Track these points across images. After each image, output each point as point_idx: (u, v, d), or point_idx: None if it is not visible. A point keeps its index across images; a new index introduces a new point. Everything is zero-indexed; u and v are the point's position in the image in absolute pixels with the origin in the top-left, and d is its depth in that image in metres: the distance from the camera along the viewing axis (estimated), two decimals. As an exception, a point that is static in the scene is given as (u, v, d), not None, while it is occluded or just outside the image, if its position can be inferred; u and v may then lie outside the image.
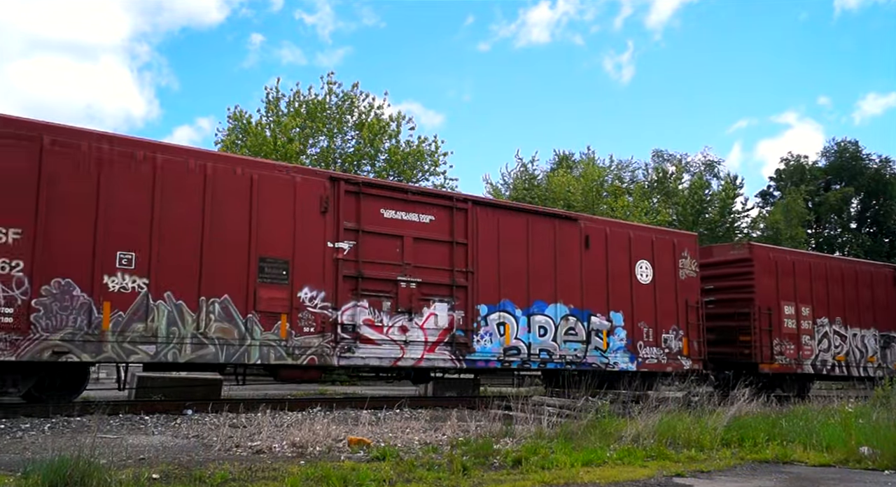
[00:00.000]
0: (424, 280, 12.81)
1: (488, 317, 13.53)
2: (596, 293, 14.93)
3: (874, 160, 47.21)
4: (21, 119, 9.96)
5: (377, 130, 26.18)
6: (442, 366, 13.32)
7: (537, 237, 14.30)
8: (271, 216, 11.39)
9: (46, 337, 9.49)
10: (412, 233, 12.81)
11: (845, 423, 8.93)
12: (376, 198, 12.57)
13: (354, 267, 12.11)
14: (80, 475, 4.98)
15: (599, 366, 14.74)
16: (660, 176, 38.90)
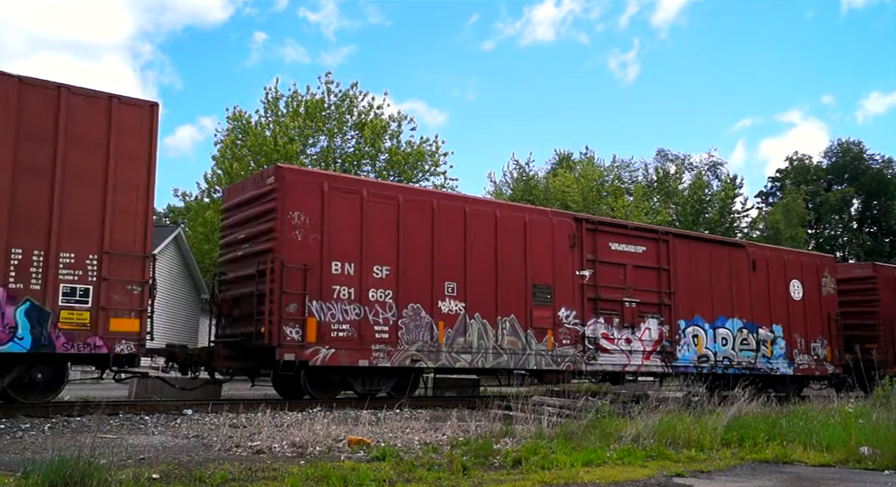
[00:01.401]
0: (641, 300, 15.64)
1: (685, 330, 16.35)
2: (761, 308, 17.86)
3: (877, 161, 47.75)
4: (387, 184, 14.90)
5: (378, 130, 26.20)
6: (654, 372, 15.98)
7: (717, 262, 17.17)
8: (538, 251, 14.26)
9: (407, 349, 12.40)
10: (631, 261, 15.65)
11: (845, 423, 8.92)
12: (606, 234, 15.40)
13: (593, 291, 14.95)
14: (80, 475, 4.97)
15: (766, 371, 17.52)
16: (660, 176, 38.91)
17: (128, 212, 10.05)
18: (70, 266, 9.53)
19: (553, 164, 40.35)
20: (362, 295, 12.07)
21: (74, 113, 9.79)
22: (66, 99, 9.79)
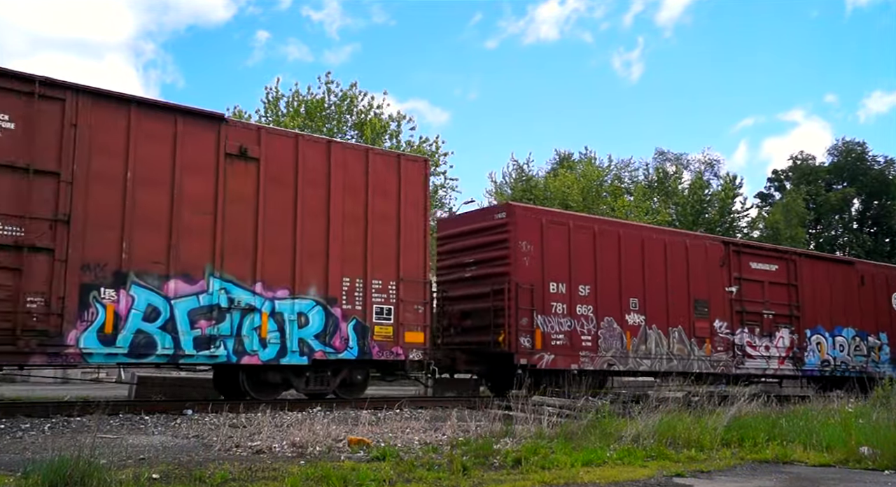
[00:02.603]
0: (776, 312, 17.95)
1: (811, 338, 18.64)
2: (869, 318, 20.07)
3: (879, 162, 47.02)
4: (586, 216, 17.18)
5: (378, 129, 26.06)
6: (787, 375, 18.35)
7: (833, 278, 19.45)
8: (697, 271, 16.48)
9: (604, 355, 14.69)
10: (767, 278, 17.94)
11: (845, 423, 8.90)
12: (748, 255, 17.82)
13: (739, 304, 17.19)
14: (80, 475, 4.95)
15: (874, 374, 18.80)
16: (660, 176, 38.71)
17: (413, 246, 12.54)
18: (379, 290, 12.02)
19: (553, 164, 39.86)
20: (571, 309, 14.46)
21: (376, 169, 12.28)
22: (371, 158, 12.31)
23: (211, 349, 10.29)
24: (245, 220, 10.81)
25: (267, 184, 11.04)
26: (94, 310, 9.47)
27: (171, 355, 10.03)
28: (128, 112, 10.06)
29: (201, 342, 10.22)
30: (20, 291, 8.97)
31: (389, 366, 12.41)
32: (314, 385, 11.57)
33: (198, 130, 10.59)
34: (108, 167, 9.80)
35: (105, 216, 9.69)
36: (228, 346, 10.43)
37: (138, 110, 10.17)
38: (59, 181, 9.41)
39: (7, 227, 9.01)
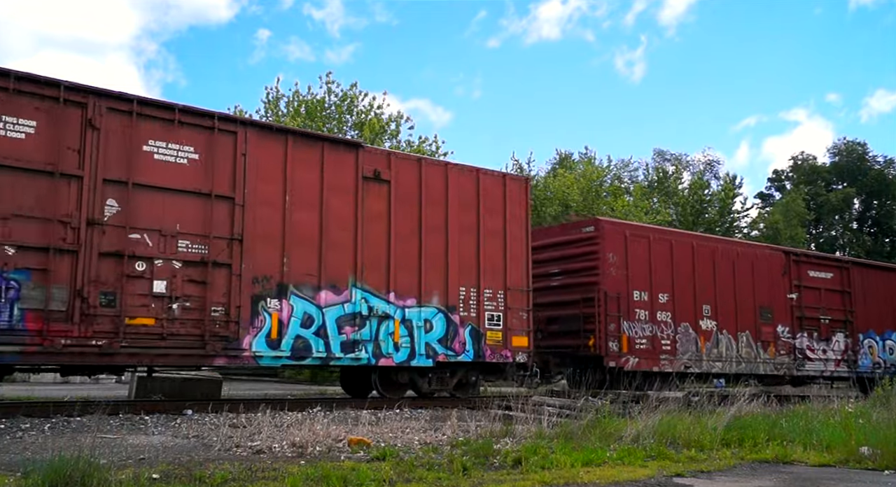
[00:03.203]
0: (832, 317, 19.28)
1: (863, 342, 19.97)
2: None
3: (879, 162, 47.14)
4: (665, 229, 18.29)
5: (378, 129, 26.11)
6: (843, 376, 19.59)
7: (882, 284, 20.92)
8: (761, 279, 17.87)
9: (681, 358, 16.00)
10: (823, 286, 19.31)
11: (845, 423, 8.87)
12: (806, 264, 19.21)
13: (799, 310, 18.54)
14: (81, 475, 4.96)
15: None
16: (660, 176, 38.84)
17: (517, 258, 13.75)
18: (489, 299, 13.25)
19: (554, 164, 39.96)
20: (653, 316, 15.69)
21: (485, 188, 13.50)
22: (481, 178, 13.54)
23: (355, 352, 11.56)
24: (379, 236, 12.07)
25: (396, 204, 12.29)
26: (262, 318, 10.76)
27: (323, 358, 11.32)
28: (285, 142, 11.33)
29: (347, 346, 11.50)
30: (206, 302, 10.27)
31: (499, 368, 13.63)
32: (435, 384, 12.84)
33: (340, 156, 11.85)
34: (270, 191, 11.07)
35: (269, 235, 10.96)
36: (368, 350, 11.70)
37: (293, 140, 11.44)
38: (234, 205, 10.68)
39: (195, 246, 10.30)
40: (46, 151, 9.35)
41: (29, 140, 9.26)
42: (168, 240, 10.09)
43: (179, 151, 10.36)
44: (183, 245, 10.20)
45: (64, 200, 9.39)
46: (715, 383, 17.20)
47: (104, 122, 9.77)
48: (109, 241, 9.63)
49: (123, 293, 9.62)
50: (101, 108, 9.79)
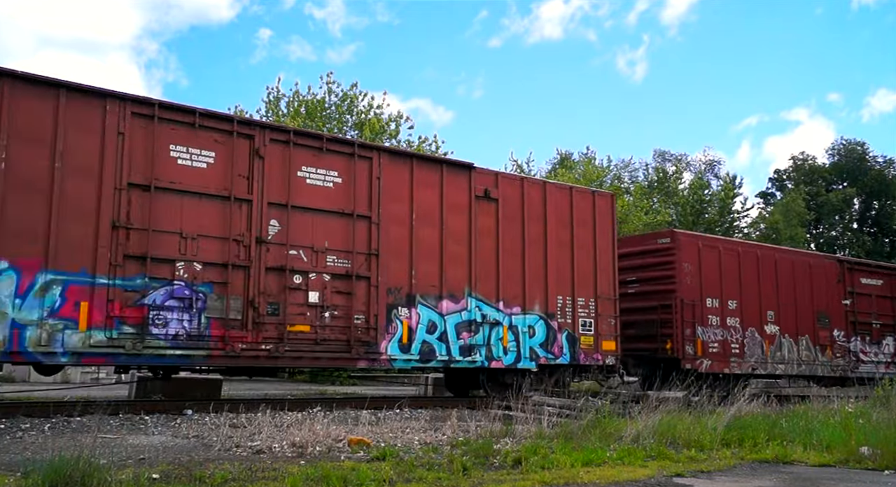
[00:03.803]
0: (882, 322, 20.45)
1: None
2: None
3: (879, 162, 47.19)
4: (732, 240, 20.12)
5: (378, 129, 26.25)
6: (893, 377, 21.36)
7: None
8: (819, 286, 19.07)
9: (749, 360, 17.21)
10: (874, 292, 20.42)
11: (845, 423, 8.89)
12: (858, 271, 20.29)
13: (853, 315, 19.63)
14: (81, 475, 4.97)
15: None
16: (660, 176, 39.00)
17: (605, 268, 14.92)
18: (582, 306, 14.44)
19: (554, 164, 39.89)
20: (723, 321, 16.84)
21: (577, 204, 14.67)
22: (573, 194, 14.70)
23: (471, 355, 12.77)
24: (489, 250, 13.26)
25: (503, 220, 13.49)
26: (395, 325, 11.98)
27: (446, 360, 12.53)
28: (410, 165, 12.54)
29: (464, 349, 12.72)
30: (351, 310, 11.51)
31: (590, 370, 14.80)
32: (535, 385, 14.03)
33: (456, 177, 13.06)
34: (399, 210, 12.29)
35: (399, 250, 12.18)
36: (482, 353, 12.91)
37: (417, 163, 12.66)
38: (371, 223, 11.91)
39: (340, 260, 11.54)
40: (223, 179, 10.61)
41: (209, 169, 10.51)
42: (319, 256, 11.33)
43: (326, 176, 11.60)
44: (331, 259, 11.44)
45: (237, 221, 10.64)
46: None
47: (267, 152, 11.01)
48: (273, 257, 10.88)
49: (286, 303, 10.87)
50: (266, 139, 11.04)
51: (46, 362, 9.23)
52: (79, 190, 9.44)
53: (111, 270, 9.53)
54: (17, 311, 8.88)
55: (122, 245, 9.65)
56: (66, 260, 9.24)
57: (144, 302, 9.74)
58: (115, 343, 9.48)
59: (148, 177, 9.95)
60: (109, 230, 9.58)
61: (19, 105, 9.17)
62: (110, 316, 9.46)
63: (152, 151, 10.04)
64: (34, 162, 9.18)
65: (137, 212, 9.84)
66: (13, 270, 8.90)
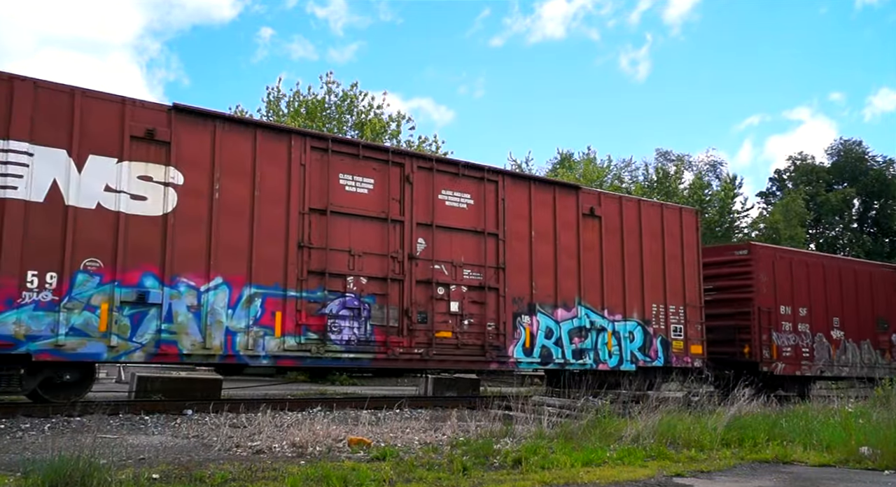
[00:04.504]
0: None
1: None
2: None
3: (878, 162, 47.33)
4: (803, 252, 22.32)
5: (378, 129, 26.40)
6: None
7: None
8: (878, 294, 20.48)
9: (817, 363, 18.68)
10: None
11: (845, 423, 8.89)
12: None
13: None
14: (81, 475, 4.98)
15: None
16: (660, 176, 39.05)
17: (692, 278, 16.25)
18: (673, 313, 15.78)
19: (554, 164, 40.03)
20: (795, 327, 18.16)
21: (666, 219, 16.01)
22: (664, 211, 16.05)
23: (582, 359, 14.15)
24: (594, 263, 14.63)
25: (605, 235, 14.86)
26: (519, 331, 13.38)
27: (561, 363, 13.92)
28: (528, 187, 13.94)
29: (576, 353, 14.09)
30: (484, 318, 12.92)
31: (680, 371, 16.15)
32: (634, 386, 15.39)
33: (565, 197, 14.44)
34: (520, 228, 13.69)
35: (521, 264, 13.57)
36: (591, 357, 14.28)
37: (535, 185, 14.06)
38: (498, 240, 13.33)
39: (474, 274, 12.95)
40: (380, 202, 12.05)
41: (370, 194, 11.96)
42: (457, 270, 12.75)
43: (461, 198, 13.02)
44: (467, 273, 12.85)
45: (392, 240, 12.07)
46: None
47: (415, 178, 12.45)
48: (421, 271, 12.31)
49: (432, 312, 12.29)
50: (414, 166, 12.47)
51: (252, 364, 10.70)
52: (272, 215, 10.91)
53: (298, 284, 10.99)
54: (230, 320, 10.36)
55: (306, 262, 11.11)
56: (264, 276, 10.71)
57: (324, 312, 11.20)
58: (303, 347, 10.94)
59: (324, 202, 11.41)
60: (296, 249, 11.04)
61: (227, 143, 10.65)
62: (298, 324, 10.92)
63: (327, 180, 11.49)
64: (239, 191, 10.65)
65: (317, 234, 11.29)
66: (226, 285, 10.38)
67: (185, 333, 9.97)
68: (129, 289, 9.58)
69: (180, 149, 10.22)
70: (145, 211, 9.86)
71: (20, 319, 8.79)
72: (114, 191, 9.64)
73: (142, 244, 9.75)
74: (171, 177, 10.10)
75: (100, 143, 9.60)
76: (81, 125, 9.47)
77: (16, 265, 8.81)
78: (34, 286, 8.92)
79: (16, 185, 8.95)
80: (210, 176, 10.42)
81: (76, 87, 9.56)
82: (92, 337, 9.28)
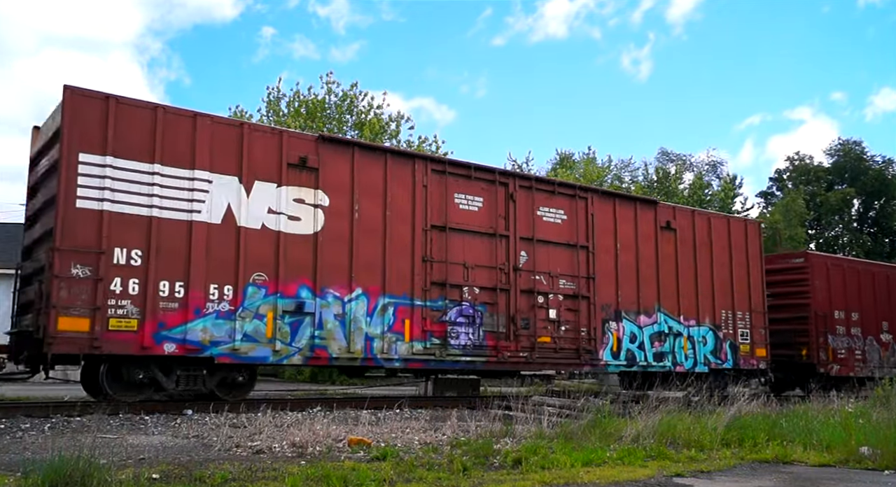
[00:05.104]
0: None
1: None
2: None
3: (877, 161, 47.27)
4: (851, 260, 22.82)
5: (378, 129, 26.48)
6: None
7: None
8: None
9: (869, 365, 19.74)
10: None
11: (845, 423, 8.89)
12: None
13: None
14: (81, 475, 4.98)
15: None
16: (660, 176, 39.30)
17: (756, 286, 17.38)
18: (740, 319, 16.90)
19: (554, 164, 40.10)
20: (848, 331, 19.30)
21: (733, 231, 17.13)
22: (731, 223, 17.18)
23: (662, 362, 15.29)
24: (670, 272, 15.77)
25: (680, 247, 15.99)
26: (607, 336, 14.53)
27: (644, 365, 15.06)
28: (613, 203, 15.09)
29: (657, 356, 15.23)
30: (577, 324, 14.09)
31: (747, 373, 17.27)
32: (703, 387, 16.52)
33: (645, 212, 15.58)
34: (607, 241, 14.84)
35: (607, 273, 14.71)
36: (669, 360, 15.42)
37: (619, 201, 15.22)
38: (588, 252, 14.49)
39: (568, 283, 14.12)
40: (488, 219, 13.23)
41: (479, 211, 13.15)
42: (554, 280, 13.92)
43: (556, 214, 14.19)
44: (562, 283, 14.02)
45: (499, 253, 13.25)
46: None
47: (518, 196, 13.63)
48: (524, 282, 13.48)
49: (534, 318, 13.46)
50: (516, 185, 13.65)
51: (387, 366, 11.92)
52: (400, 232, 12.11)
53: (423, 294, 12.18)
54: (368, 327, 11.57)
55: (429, 274, 12.30)
56: (395, 287, 11.91)
57: (445, 319, 12.39)
58: (428, 351, 12.14)
59: (443, 219, 12.60)
60: (421, 262, 12.24)
61: (363, 168, 11.86)
62: (424, 330, 12.12)
63: (445, 199, 12.69)
64: (373, 211, 11.86)
65: (437, 248, 12.49)
66: (364, 296, 11.59)
67: (333, 339, 11.19)
68: (288, 300, 10.81)
69: (326, 174, 11.44)
70: (299, 230, 11.09)
71: (206, 327, 10.05)
72: (275, 213, 10.88)
73: (297, 260, 10.98)
74: (319, 199, 11.32)
75: (263, 171, 10.84)
76: (249, 155, 10.71)
77: (201, 279, 10.06)
78: (215, 298, 10.17)
79: (200, 209, 10.21)
80: (350, 198, 11.64)
81: (244, 122, 10.86)
82: (260, 342, 10.52)
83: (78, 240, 9.27)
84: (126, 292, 9.50)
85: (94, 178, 9.48)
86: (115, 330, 9.39)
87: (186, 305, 9.90)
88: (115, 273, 9.47)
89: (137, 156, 9.84)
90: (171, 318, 9.81)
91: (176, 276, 9.89)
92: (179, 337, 9.83)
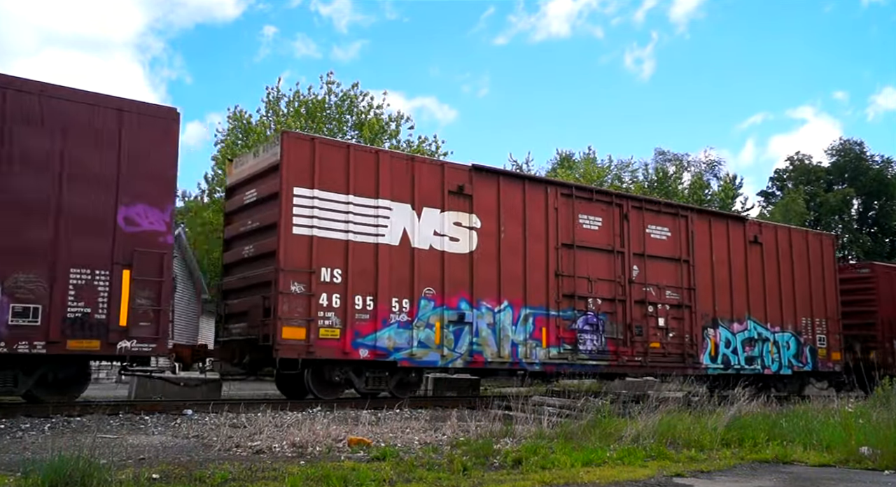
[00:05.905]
0: None
1: None
2: None
3: (877, 161, 47.56)
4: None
5: (377, 130, 26.61)
6: None
7: None
8: None
9: None
10: None
11: (845, 423, 8.89)
12: None
13: None
14: (80, 475, 4.98)
15: None
16: (660, 176, 39.74)
17: (830, 295, 18.77)
18: (818, 325, 18.33)
19: (554, 164, 40.64)
20: (912, 333, 20.56)
21: (809, 244, 18.54)
22: (808, 237, 18.56)
23: (753, 365, 16.71)
24: (757, 283, 17.17)
25: (766, 259, 17.39)
26: (706, 342, 15.97)
27: (738, 368, 16.46)
28: (709, 220, 16.53)
29: (747, 360, 16.64)
30: (682, 331, 15.54)
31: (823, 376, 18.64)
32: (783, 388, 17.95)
33: (735, 228, 16.99)
34: (704, 255, 16.27)
35: (705, 285, 16.15)
36: (759, 363, 16.83)
37: (714, 219, 16.67)
38: (689, 265, 15.93)
39: (673, 294, 15.57)
40: (607, 237, 14.71)
41: (598, 230, 14.63)
42: (661, 291, 15.37)
43: (662, 231, 15.64)
44: (668, 294, 15.47)
45: (616, 268, 14.73)
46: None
47: (631, 215, 15.09)
48: (636, 293, 14.94)
49: (646, 326, 14.92)
50: (629, 206, 15.13)
51: (529, 369, 13.41)
52: (536, 250, 13.61)
53: (556, 305, 13.68)
54: (514, 334, 13.08)
55: (560, 287, 13.80)
56: (533, 299, 13.42)
57: (574, 328, 13.88)
58: (561, 356, 13.64)
59: (570, 238, 14.10)
60: (554, 277, 13.73)
61: (506, 193, 13.38)
62: (558, 337, 13.62)
63: (571, 220, 14.19)
64: (515, 232, 13.37)
65: (566, 264, 13.98)
66: (510, 307, 13.09)
67: (486, 345, 12.71)
68: (452, 311, 12.34)
69: (478, 199, 12.98)
70: (458, 250, 12.62)
71: (390, 335, 11.60)
72: (439, 235, 12.42)
73: (457, 276, 12.50)
74: (473, 222, 12.85)
75: (429, 198, 12.39)
76: (418, 184, 12.25)
77: (386, 294, 11.61)
78: (396, 310, 11.71)
79: (383, 233, 11.77)
80: (497, 220, 13.15)
81: (414, 156, 12.41)
82: (431, 348, 12.05)
83: (295, 262, 10.85)
84: (331, 305, 11.07)
85: (305, 208, 11.06)
86: (324, 338, 10.96)
87: (375, 316, 11.46)
88: (323, 289, 11.04)
89: (336, 187, 11.41)
90: (364, 328, 11.36)
91: (367, 291, 11.44)
92: (371, 344, 11.39)
